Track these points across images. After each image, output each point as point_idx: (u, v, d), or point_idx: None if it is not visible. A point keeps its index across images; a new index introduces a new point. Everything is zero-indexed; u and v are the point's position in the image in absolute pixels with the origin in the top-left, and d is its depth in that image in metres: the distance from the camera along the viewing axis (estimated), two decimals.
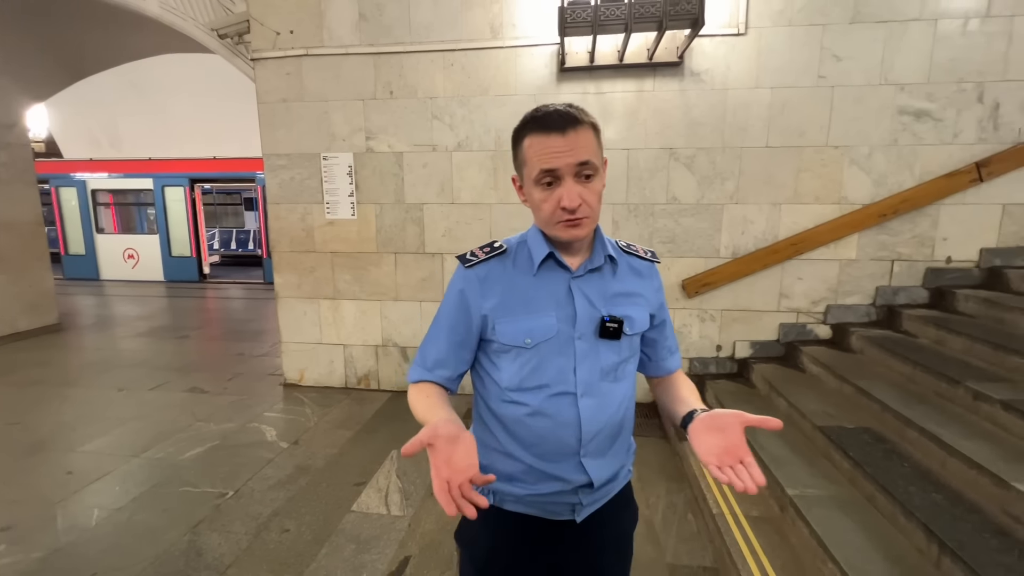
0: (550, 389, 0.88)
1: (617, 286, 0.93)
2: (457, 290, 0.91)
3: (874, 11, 3.03)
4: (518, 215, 3.53)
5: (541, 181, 0.82)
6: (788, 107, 3.17)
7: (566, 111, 0.81)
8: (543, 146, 0.80)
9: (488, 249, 0.93)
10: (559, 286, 0.89)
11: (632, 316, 0.92)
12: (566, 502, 0.92)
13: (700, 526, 2.29)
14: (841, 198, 3.24)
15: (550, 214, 0.83)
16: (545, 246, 0.89)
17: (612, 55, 3.20)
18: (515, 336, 0.87)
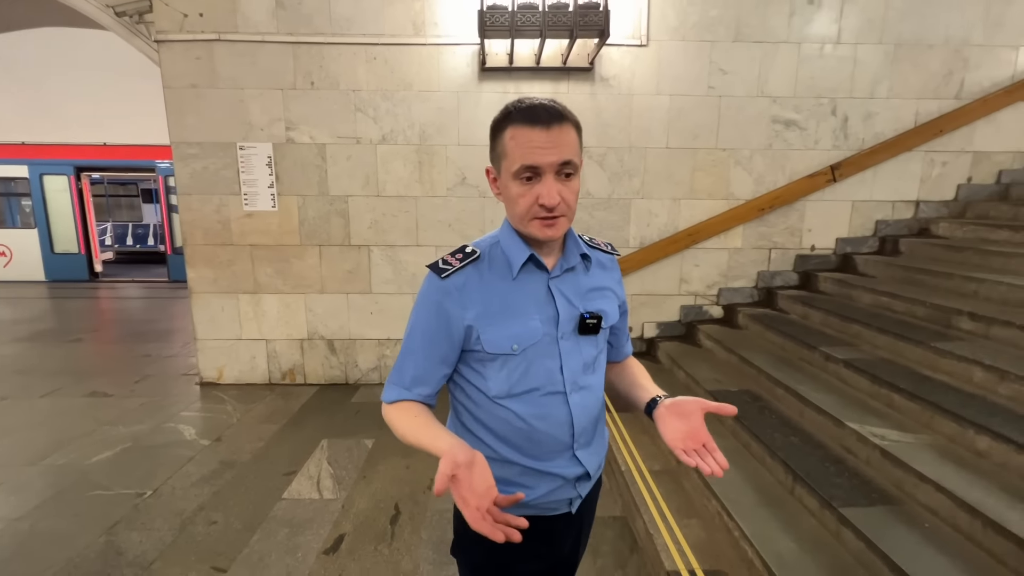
0: (540, 391, 0.87)
1: (590, 282, 0.94)
2: (434, 302, 0.86)
3: (752, 32, 3.49)
4: (443, 208, 3.66)
5: (521, 176, 0.79)
6: (684, 112, 3.57)
7: (552, 106, 0.79)
8: (526, 140, 0.77)
9: (461, 256, 0.89)
10: (539, 288, 0.88)
11: (606, 310, 0.93)
12: (565, 497, 0.93)
13: (611, 483, 2.58)
14: (729, 194, 3.71)
15: (526, 210, 0.80)
16: (524, 248, 0.86)
17: (530, 58, 3.42)
18: (502, 344, 0.84)
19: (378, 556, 2.05)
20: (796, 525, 1.87)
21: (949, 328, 2.58)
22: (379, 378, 3.91)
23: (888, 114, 3.62)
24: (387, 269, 3.75)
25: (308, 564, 2.00)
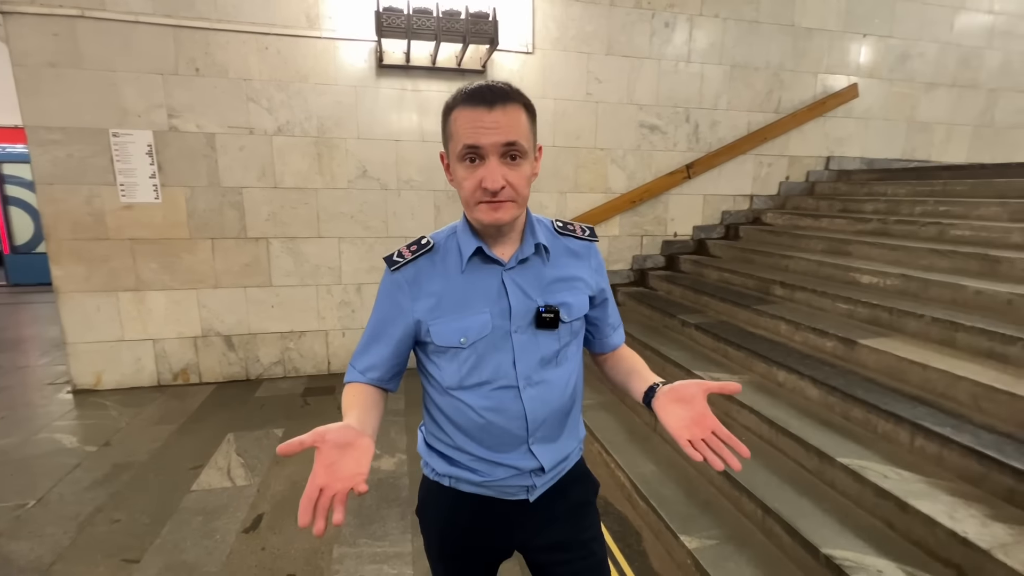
0: (491, 384, 0.86)
1: (553, 272, 0.90)
2: (387, 294, 0.88)
3: (621, 48, 4.02)
4: (345, 200, 3.73)
5: (464, 157, 0.77)
6: (566, 116, 4.01)
7: (499, 86, 0.77)
8: (468, 120, 0.75)
9: (415, 247, 0.88)
10: (491, 280, 0.86)
11: (569, 302, 0.89)
12: (520, 484, 0.92)
13: None
14: (607, 188, 4.24)
15: (471, 193, 0.79)
16: (473, 240, 0.85)
17: (426, 58, 3.61)
18: (449, 337, 0.84)
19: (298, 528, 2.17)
20: (656, 453, 2.35)
21: (767, 295, 3.29)
22: (283, 372, 3.88)
23: (728, 122, 4.39)
24: (288, 261, 3.73)
25: (228, 543, 2.07)
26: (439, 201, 3.90)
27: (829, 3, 4.41)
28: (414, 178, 3.82)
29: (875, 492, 1.69)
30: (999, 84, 5.09)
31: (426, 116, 3.74)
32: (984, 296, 2.35)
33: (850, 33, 4.54)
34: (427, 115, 3.74)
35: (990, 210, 3.09)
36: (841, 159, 4.78)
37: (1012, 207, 3.01)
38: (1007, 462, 1.56)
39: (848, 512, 1.74)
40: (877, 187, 4.16)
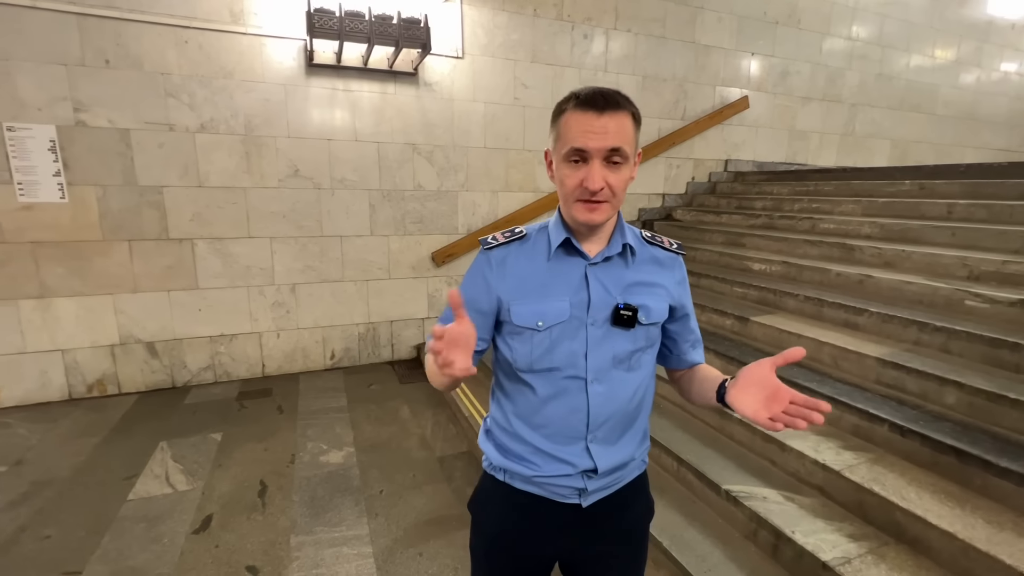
0: (561, 372, 0.89)
1: (635, 275, 0.93)
2: (478, 270, 0.94)
3: (545, 56, 4.30)
4: (276, 199, 3.68)
5: (570, 159, 0.82)
6: (496, 118, 4.22)
7: (610, 93, 0.81)
8: (578, 123, 0.80)
9: (508, 234, 0.95)
10: (575, 272, 0.90)
11: (649, 305, 0.91)
12: (572, 486, 0.92)
13: (458, 430, 3.11)
14: (536, 188, 4.51)
15: (571, 190, 0.83)
16: (563, 232, 0.89)
17: (357, 59, 3.66)
18: (528, 318, 0.88)
19: (252, 523, 2.21)
20: None
21: None
22: (213, 377, 3.76)
23: (642, 128, 4.82)
24: (215, 263, 3.61)
25: (178, 545, 2.06)
26: (374, 200, 3.95)
27: (723, 24, 4.99)
28: (348, 177, 3.85)
29: (762, 438, 2.07)
30: (857, 100, 6.01)
31: (359, 115, 3.78)
32: (842, 277, 2.88)
33: (741, 51, 5.17)
34: (360, 114, 3.78)
35: (848, 207, 3.73)
36: (737, 162, 5.42)
37: (864, 204, 3.65)
38: (855, 405, 2.00)
39: (742, 456, 2.12)
40: (766, 187, 4.79)
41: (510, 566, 0.98)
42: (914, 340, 2.29)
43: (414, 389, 3.72)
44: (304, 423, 3.14)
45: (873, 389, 2.13)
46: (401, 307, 4.23)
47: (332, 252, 3.91)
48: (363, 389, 3.71)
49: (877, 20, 5.84)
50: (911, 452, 1.79)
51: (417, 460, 2.76)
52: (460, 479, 2.58)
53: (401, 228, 4.08)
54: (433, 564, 1.98)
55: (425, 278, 4.24)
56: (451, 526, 2.21)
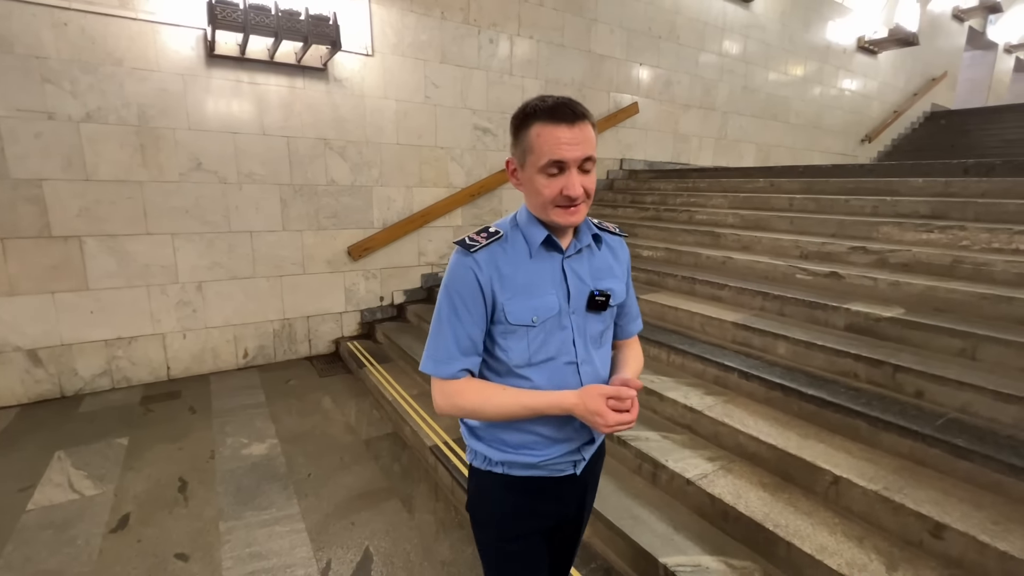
0: (557, 360, 0.96)
1: (600, 262, 1.02)
2: (467, 273, 0.92)
3: (454, 58, 4.51)
4: (177, 193, 3.53)
5: (548, 170, 0.87)
6: (408, 116, 4.36)
7: (575, 105, 0.87)
8: (553, 136, 0.84)
9: (486, 235, 0.96)
10: (554, 266, 0.96)
11: (614, 288, 1.01)
12: (571, 459, 1.02)
13: (382, 414, 3.25)
14: (449, 184, 4.71)
15: (550, 199, 0.88)
16: (542, 230, 0.94)
17: (263, 52, 3.61)
18: (523, 316, 0.92)
19: (176, 516, 2.22)
20: None
21: None
22: (111, 383, 3.53)
23: None
24: (108, 261, 3.40)
25: (95, 545, 2.03)
26: (286, 195, 3.92)
27: (614, 36, 5.52)
28: (256, 171, 3.79)
29: (646, 392, 2.48)
30: (728, 108, 6.91)
31: (266, 109, 3.73)
32: (711, 259, 3.44)
33: (631, 61, 5.74)
34: (267, 108, 3.74)
35: (718, 200, 4.38)
36: (631, 161, 6.01)
37: (730, 198, 4.31)
38: (716, 360, 2.47)
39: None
40: (654, 183, 5.40)
41: (522, 546, 1.04)
42: (760, 307, 2.84)
43: (335, 382, 3.77)
44: (221, 421, 3.10)
45: (729, 347, 2.63)
46: (317, 302, 4.23)
47: (242, 248, 3.82)
48: (281, 385, 3.69)
49: (741, 40, 6.75)
50: (752, 391, 2.28)
51: (343, 444, 2.87)
52: (387, 457, 2.74)
53: (315, 223, 4.08)
54: (365, 530, 2.15)
55: (342, 272, 4.28)
56: (380, 497, 2.38)
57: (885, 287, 2.59)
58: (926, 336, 2.20)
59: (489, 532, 1.05)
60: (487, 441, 1.00)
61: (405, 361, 3.75)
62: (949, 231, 2.80)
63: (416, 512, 2.27)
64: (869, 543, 1.57)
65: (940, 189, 3.31)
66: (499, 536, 1.04)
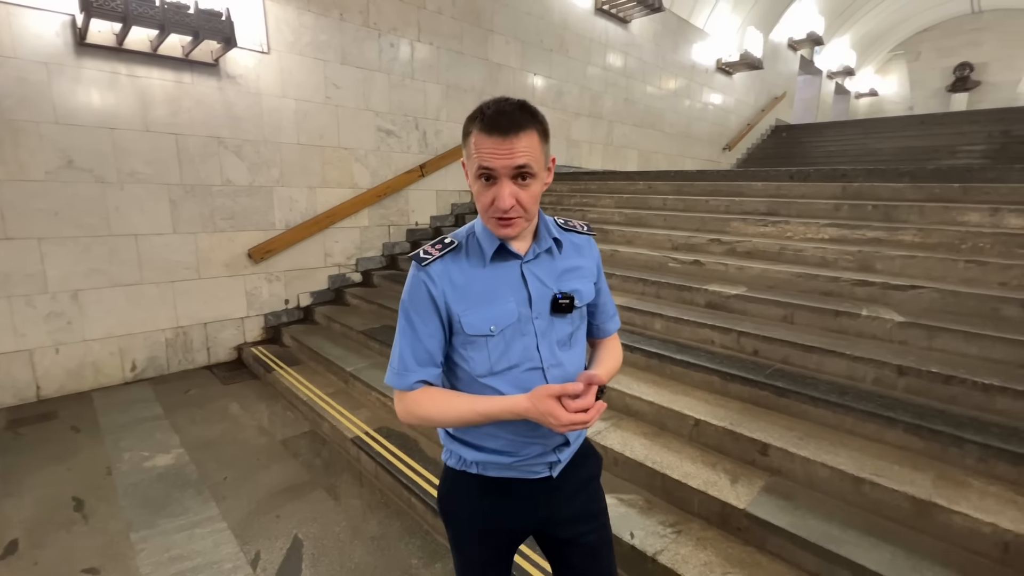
0: (520, 367, 0.93)
1: (563, 263, 0.99)
2: (421, 287, 0.92)
3: (354, 59, 4.54)
4: (43, 194, 3.20)
5: (479, 177, 0.85)
6: (309, 116, 4.32)
7: (513, 112, 0.83)
8: (483, 145, 0.83)
9: (440, 246, 0.95)
10: (512, 272, 0.94)
11: (580, 289, 0.99)
12: (546, 461, 0.99)
13: (296, 414, 3.25)
14: (354, 184, 4.73)
15: (484, 209, 0.87)
16: (495, 238, 0.92)
17: (144, 43, 3.39)
18: (480, 326, 0.91)
19: (76, 534, 2.10)
20: None
21: None
22: None
23: (449, 132, 5.41)
24: None
25: None
26: (175, 195, 3.71)
27: (509, 47, 5.88)
28: (140, 170, 3.54)
29: None
30: (613, 117, 7.64)
31: (150, 104, 3.51)
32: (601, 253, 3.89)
33: (526, 71, 6.15)
34: (151, 103, 3.51)
35: (606, 200, 4.91)
36: None
37: (616, 199, 4.86)
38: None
39: None
40: (552, 185, 5.84)
41: (492, 541, 1.04)
42: (641, 292, 3.33)
43: (240, 388, 3.66)
44: (114, 437, 2.90)
45: None
46: (216, 308, 4.04)
47: (125, 252, 3.55)
48: (179, 396, 3.50)
49: (622, 56, 7.51)
50: (635, 361, 2.71)
51: (258, 446, 2.85)
52: (307, 453, 2.78)
53: (210, 225, 3.90)
54: (292, 520, 2.21)
55: (242, 276, 4.13)
56: (304, 490, 2.44)
57: (734, 271, 3.19)
58: (760, 307, 2.78)
59: (461, 531, 1.05)
60: (461, 441, 1.00)
61: (317, 362, 3.75)
62: (778, 225, 3.50)
63: (342, 498, 2.38)
64: (720, 467, 2.02)
65: (773, 191, 4.08)
66: (470, 535, 1.04)
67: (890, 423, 1.92)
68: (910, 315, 2.41)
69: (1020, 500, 1.60)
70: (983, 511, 1.55)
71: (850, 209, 3.49)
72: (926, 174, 3.57)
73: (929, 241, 2.96)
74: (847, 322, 2.50)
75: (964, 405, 1.97)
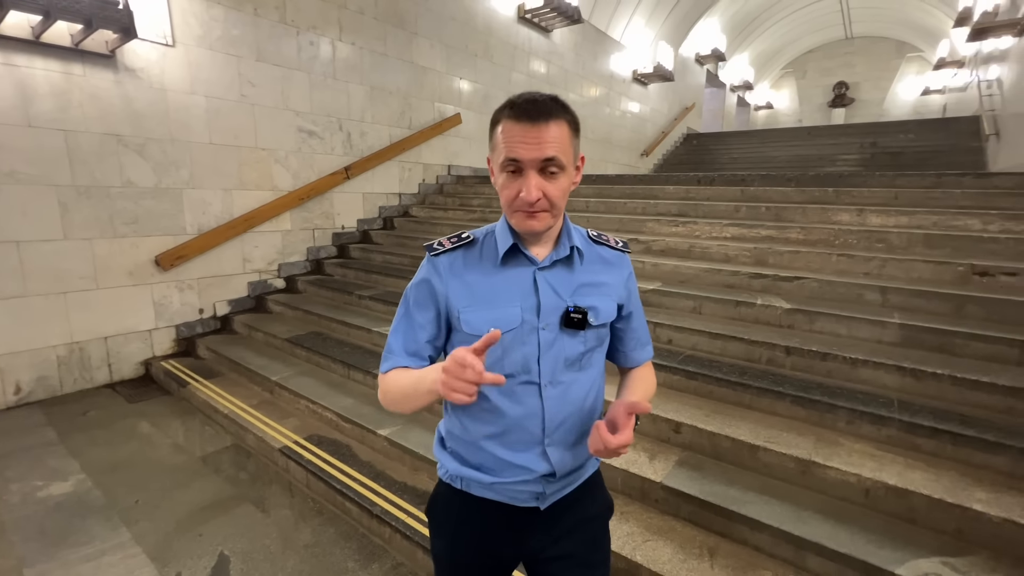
0: (515, 379, 0.88)
1: (584, 276, 0.93)
2: (423, 277, 0.91)
3: (271, 57, 4.36)
4: None
5: (506, 168, 0.82)
6: (222, 114, 4.09)
7: (544, 101, 0.81)
8: (511, 134, 0.80)
9: (455, 239, 0.93)
10: (524, 277, 0.89)
11: (597, 306, 0.91)
12: (530, 490, 0.92)
13: (216, 429, 3.07)
14: (274, 186, 4.53)
15: (509, 201, 0.83)
16: (510, 237, 0.89)
17: (24, 28, 3.06)
18: (479, 326, 0.87)
19: None
20: (351, 391, 3.05)
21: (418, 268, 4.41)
22: None
23: (375, 134, 5.34)
24: None
25: None
26: (66, 198, 3.37)
27: (435, 51, 5.91)
28: (21, 170, 3.18)
29: None
30: None
31: (32, 97, 3.17)
32: None
33: (452, 75, 6.20)
34: (34, 96, 3.17)
35: None
36: (457, 167, 6.48)
37: None
38: None
39: None
40: (480, 188, 5.94)
41: (473, 567, 0.99)
42: None
43: (150, 406, 3.39)
44: None
45: None
46: (118, 320, 3.71)
47: (6, 261, 3.18)
48: (77, 418, 3.18)
49: (545, 63, 7.77)
50: None
51: (174, 465, 2.68)
52: (230, 468, 2.65)
53: (110, 230, 3.58)
54: (216, 537, 2.11)
55: (149, 284, 3.82)
56: (229, 506, 2.33)
57: (650, 268, 3.45)
58: (673, 300, 3.04)
59: (441, 543, 1.01)
60: (450, 452, 0.98)
61: (238, 373, 3.56)
62: (687, 225, 3.82)
63: (271, 510, 2.30)
64: (639, 446, 2.20)
65: (683, 194, 4.44)
66: (450, 549, 1.00)
67: (780, 396, 2.19)
68: (795, 302, 2.76)
69: (877, 454, 1.90)
70: (850, 465, 1.83)
71: (748, 210, 3.89)
72: (807, 180, 4.07)
73: (810, 238, 3.38)
74: (745, 310, 2.81)
75: (837, 377, 2.30)
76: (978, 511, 1.59)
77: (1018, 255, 2.81)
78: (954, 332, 2.30)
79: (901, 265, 2.89)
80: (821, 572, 1.62)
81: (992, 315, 2.43)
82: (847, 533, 1.65)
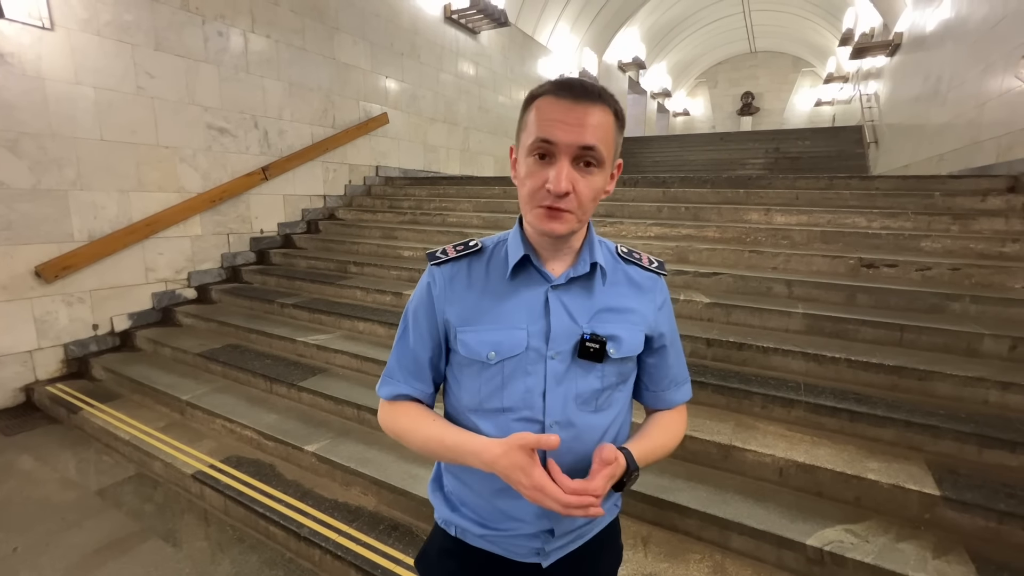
0: (512, 414, 0.75)
1: (606, 299, 0.79)
2: (424, 289, 0.81)
3: (172, 46, 3.99)
4: None
5: (534, 151, 0.69)
6: (115, 107, 3.68)
7: (591, 84, 0.69)
8: (550, 110, 0.68)
9: (461, 247, 0.82)
10: (535, 296, 0.77)
11: (620, 336, 0.77)
12: (529, 546, 0.80)
13: (116, 459, 2.75)
14: (180, 188, 4.15)
15: (532, 193, 0.70)
16: (521, 247, 0.77)
17: None
18: (476, 349, 0.76)
19: None
20: (275, 406, 2.85)
21: (346, 272, 4.23)
22: None
23: (294, 132, 5.05)
24: None
25: None
26: None
27: (358, 48, 5.70)
28: None
29: None
30: (468, 124, 7.85)
31: None
32: None
33: (377, 73, 6.01)
34: None
35: (465, 205, 5.04)
36: (386, 168, 6.29)
37: (475, 203, 5.02)
38: None
39: None
40: (410, 190, 5.81)
41: None
42: None
43: (32, 437, 2.98)
44: None
45: None
46: None
47: None
48: None
49: (473, 65, 7.75)
50: None
51: (63, 503, 2.36)
52: (133, 500, 2.38)
53: None
54: None
55: (28, 299, 3.36)
56: (133, 542, 2.09)
57: None
58: None
59: None
60: (445, 495, 0.86)
61: (142, 394, 3.22)
62: (615, 225, 3.96)
63: (184, 543, 2.09)
64: None
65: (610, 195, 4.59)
66: None
67: (702, 386, 2.31)
68: (714, 296, 2.93)
69: (788, 434, 2.06)
70: (765, 446, 1.96)
71: (669, 211, 4.09)
72: (721, 181, 4.35)
73: (725, 236, 3.61)
74: None
75: (752, 365, 2.46)
76: (872, 480, 1.76)
77: (897, 249, 3.18)
78: (847, 319, 2.55)
79: (803, 260, 3.16)
80: (743, 550, 1.72)
81: (879, 303, 2.72)
82: (764, 511, 1.77)
